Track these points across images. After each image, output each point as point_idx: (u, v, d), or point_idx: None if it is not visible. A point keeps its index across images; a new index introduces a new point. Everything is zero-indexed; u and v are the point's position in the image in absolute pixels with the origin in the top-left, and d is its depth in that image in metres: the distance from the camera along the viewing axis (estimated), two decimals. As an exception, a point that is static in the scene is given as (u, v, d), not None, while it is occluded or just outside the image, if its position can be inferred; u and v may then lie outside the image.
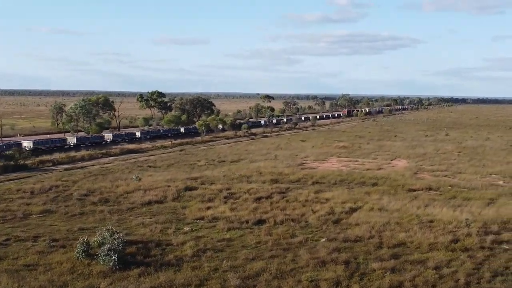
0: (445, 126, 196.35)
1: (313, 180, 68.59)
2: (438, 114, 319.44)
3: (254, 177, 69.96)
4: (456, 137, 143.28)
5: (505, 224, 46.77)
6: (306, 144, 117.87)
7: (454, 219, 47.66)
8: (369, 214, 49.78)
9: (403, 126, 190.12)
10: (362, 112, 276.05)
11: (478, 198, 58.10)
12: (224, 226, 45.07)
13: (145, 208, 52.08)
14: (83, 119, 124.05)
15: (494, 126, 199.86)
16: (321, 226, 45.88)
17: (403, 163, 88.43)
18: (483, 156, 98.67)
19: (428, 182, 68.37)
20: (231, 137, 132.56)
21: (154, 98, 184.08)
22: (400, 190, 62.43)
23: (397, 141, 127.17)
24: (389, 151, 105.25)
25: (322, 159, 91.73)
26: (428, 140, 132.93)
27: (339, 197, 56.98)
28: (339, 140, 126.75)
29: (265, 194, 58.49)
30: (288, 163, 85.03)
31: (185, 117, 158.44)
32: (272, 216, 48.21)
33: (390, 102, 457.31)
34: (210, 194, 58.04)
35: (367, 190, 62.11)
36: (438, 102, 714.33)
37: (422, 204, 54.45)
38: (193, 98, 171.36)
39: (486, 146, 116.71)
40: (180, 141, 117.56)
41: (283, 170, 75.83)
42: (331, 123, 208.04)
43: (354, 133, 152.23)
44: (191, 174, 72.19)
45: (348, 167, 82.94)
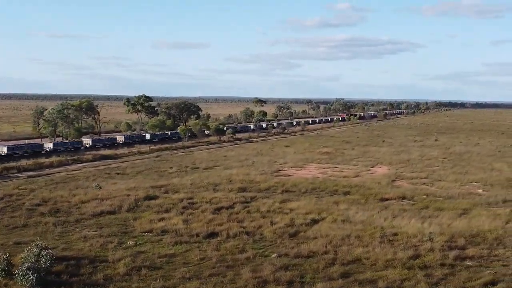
0: (437, 131, 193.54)
1: (283, 189, 65.68)
2: (433, 119, 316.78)
3: (222, 185, 67.02)
4: (445, 142, 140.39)
5: (474, 238, 43.78)
6: (289, 149, 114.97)
7: (419, 232, 44.72)
8: (331, 226, 46.80)
9: (394, 131, 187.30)
10: (355, 116, 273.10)
11: (451, 208, 55.15)
12: (171, 240, 42.12)
13: (94, 219, 49.09)
14: (62, 124, 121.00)
15: (487, 131, 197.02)
16: (276, 239, 42.90)
17: (383, 170, 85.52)
18: (468, 162, 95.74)
19: (404, 190, 65.44)
20: (214, 143, 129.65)
21: (141, 102, 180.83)
22: (371, 200, 59.50)
23: (384, 147, 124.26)
24: (373, 157, 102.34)
25: (300, 166, 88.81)
26: (416, 145, 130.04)
27: (304, 207, 54.02)
28: (324, 146, 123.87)
29: (227, 204, 55.54)
30: (264, 170, 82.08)
31: (171, 121, 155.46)
32: (226, 228, 45.24)
33: (387, 106, 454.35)
34: (169, 204, 55.09)
35: (336, 199, 59.14)
36: (436, 106, 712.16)
37: (391, 215, 51.51)
38: (179, 102, 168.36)
39: (473, 152, 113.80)
40: (160, 146, 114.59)
41: (255, 178, 72.90)
42: (322, 128, 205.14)
43: (342, 138, 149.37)
44: (158, 182, 69.24)
45: (325, 174, 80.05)
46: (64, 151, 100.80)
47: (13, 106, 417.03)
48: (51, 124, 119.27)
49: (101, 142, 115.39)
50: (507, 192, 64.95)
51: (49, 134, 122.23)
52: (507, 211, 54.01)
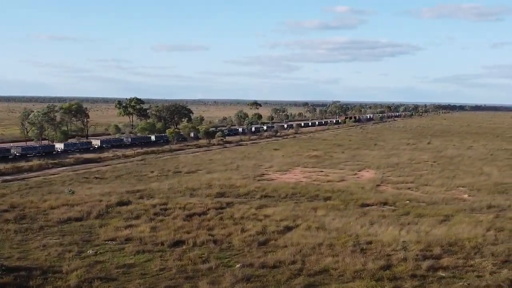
0: (432, 134, 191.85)
1: (263, 194, 63.88)
2: (430, 121, 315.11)
3: (200, 190, 65.19)
4: (438, 145, 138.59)
5: (451, 246, 41.93)
6: (277, 153, 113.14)
7: (395, 241, 42.86)
8: (304, 234, 44.94)
9: (388, 134, 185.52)
10: (350, 119, 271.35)
11: (432, 214, 53.31)
12: (133, 248, 40.28)
13: (59, 226, 47.20)
14: (48, 127, 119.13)
15: (483, 134, 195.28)
16: (244, 248, 41.03)
17: (370, 174, 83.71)
18: (458, 166, 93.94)
19: (387, 195, 63.62)
20: (203, 146, 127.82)
21: (133, 105, 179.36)
22: (351, 205, 57.66)
23: (375, 150, 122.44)
24: (362, 161, 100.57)
25: (285, 170, 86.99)
26: (407, 149, 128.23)
27: (280, 214, 52.19)
28: (314, 149, 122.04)
29: (201, 210, 53.69)
30: (247, 174, 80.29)
31: (161, 124, 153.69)
32: (194, 236, 43.40)
33: (384, 109, 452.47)
34: (141, 210, 53.26)
35: (315, 205, 57.28)
36: (435, 109, 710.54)
37: (369, 222, 49.67)
38: (170, 105, 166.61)
39: (465, 156, 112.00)
40: (146, 150, 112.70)
41: (235, 182, 71.06)
42: (316, 131, 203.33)
43: (334, 142, 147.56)
44: (135, 187, 67.42)
45: (310, 178, 78.26)
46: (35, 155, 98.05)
47: (9, 109, 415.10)
48: (37, 127, 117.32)
49: (74, 147, 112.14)
50: (493, 197, 63.15)
51: (34, 137, 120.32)
52: (490, 217, 52.18)
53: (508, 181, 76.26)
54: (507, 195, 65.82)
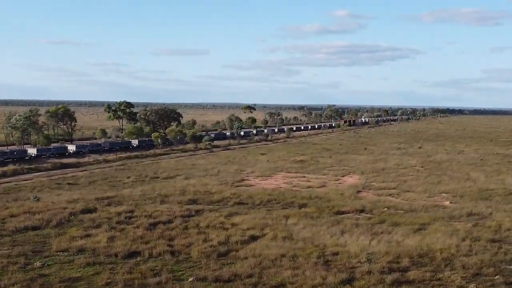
0: (425, 138, 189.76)
1: (237, 200, 61.70)
2: (426, 125, 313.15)
3: (173, 197, 63.00)
4: (429, 150, 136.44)
5: (421, 258, 39.72)
6: (263, 157, 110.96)
7: (364, 251, 40.62)
8: (268, 244, 42.72)
9: (381, 138, 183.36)
10: (345, 123, 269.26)
11: (408, 223, 51.10)
12: (84, 260, 38.05)
13: (13, 236, 44.93)
14: (30, 131, 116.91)
15: (477, 138, 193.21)
16: (201, 260, 38.79)
17: (353, 180, 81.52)
18: (445, 171, 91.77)
19: (365, 202, 61.40)
20: (189, 150, 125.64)
21: (122, 108, 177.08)
22: (326, 213, 55.47)
23: (363, 155, 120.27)
24: (347, 166, 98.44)
25: (267, 175, 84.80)
26: (397, 153, 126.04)
27: (249, 222, 49.98)
28: (302, 154, 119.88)
29: (167, 218, 51.48)
30: (226, 180, 78.12)
31: (149, 128, 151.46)
32: (151, 247, 41.18)
33: (381, 112, 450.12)
34: (104, 218, 51.04)
35: (288, 212, 55.05)
36: (433, 113, 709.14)
37: (340, 231, 47.47)
38: (159, 108, 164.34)
39: (454, 160, 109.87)
40: (129, 154, 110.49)
41: (211, 188, 68.89)
42: (309, 135, 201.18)
43: (324, 146, 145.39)
44: (106, 193, 65.20)
45: (290, 184, 76.09)
46: (4, 161, 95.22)
47: (5, 112, 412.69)
48: (19, 131, 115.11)
49: (48, 152, 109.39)
50: (475, 205, 60.95)
51: (16, 141, 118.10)
52: (468, 226, 50.02)
53: (493, 187, 74.10)
54: (490, 201, 63.67)
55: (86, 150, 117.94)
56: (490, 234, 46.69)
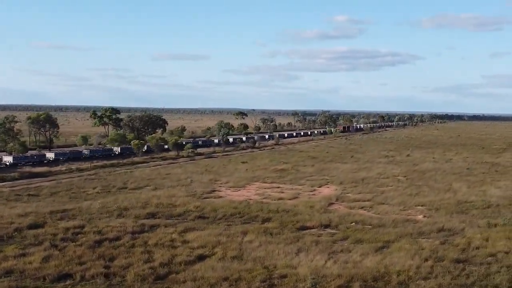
0: (417, 145, 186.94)
1: (198, 214, 58.75)
2: (421, 132, 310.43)
3: (132, 210, 60.01)
4: (417, 158, 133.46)
5: (375, 281, 36.76)
6: (244, 166, 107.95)
7: (315, 273, 37.58)
8: (214, 265, 39.72)
9: (371, 145, 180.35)
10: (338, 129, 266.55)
11: (373, 240, 48.11)
12: (8, 284, 35.07)
13: None
14: (6, 138, 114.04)
15: (469, 145, 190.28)
16: (136, 284, 35.75)
17: (329, 191, 78.57)
18: (427, 181, 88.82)
19: (334, 216, 58.40)
20: (170, 158, 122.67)
21: (108, 115, 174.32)
22: (289, 229, 52.43)
23: (348, 163, 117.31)
24: (328, 175, 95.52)
25: (241, 186, 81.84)
26: (383, 162, 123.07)
27: (202, 239, 47.00)
28: (284, 162, 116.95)
29: (117, 234, 48.50)
30: (196, 191, 75.21)
31: (133, 135, 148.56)
32: (87, 268, 38.19)
33: (377, 118, 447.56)
34: (49, 235, 48.09)
35: (248, 228, 52.02)
36: (431, 119, 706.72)
37: (297, 249, 44.50)
38: (143, 115, 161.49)
39: (440, 169, 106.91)
40: (105, 162, 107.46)
41: (176, 201, 65.92)
42: (299, 142, 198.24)
43: (311, 154, 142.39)
44: (64, 206, 62.22)
45: (262, 196, 73.12)
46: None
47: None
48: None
49: (25, 160, 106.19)
50: (449, 219, 57.97)
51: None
52: (435, 243, 47.04)
53: (473, 199, 71.12)
54: (466, 215, 60.69)
55: (65, 158, 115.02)
56: (456, 254, 43.69)
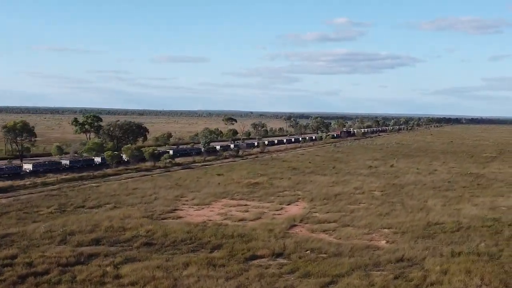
0: (405, 153, 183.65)
1: (147, 240, 55.29)
2: (414, 137, 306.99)
3: (78, 235, 56.56)
4: (401, 169, 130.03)
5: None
6: (217, 179, 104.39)
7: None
8: (138, 308, 36.17)
9: (358, 154, 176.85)
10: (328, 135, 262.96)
11: (322, 273, 44.75)
12: None
13: None
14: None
15: (459, 153, 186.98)
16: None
17: (297, 209, 75.14)
18: (402, 198, 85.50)
19: (291, 242, 55.02)
20: (145, 170, 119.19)
21: (90, 122, 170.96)
22: (236, 259, 48.93)
23: (327, 175, 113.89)
24: (302, 190, 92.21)
25: (207, 203, 78.38)
26: (364, 173, 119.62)
27: (136, 273, 43.56)
28: (262, 174, 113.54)
29: (47, 267, 45.00)
30: (155, 210, 71.85)
31: (112, 144, 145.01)
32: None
33: (372, 123, 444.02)
34: (-27, 268, 44.45)
35: (192, 258, 48.50)
36: (428, 122, 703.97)
37: (236, 286, 41.00)
38: (123, 123, 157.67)
39: (420, 183, 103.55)
40: (73, 175, 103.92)
41: (129, 223, 62.47)
42: (286, 149, 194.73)
43: (293, 164, 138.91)
44: (8, 229, 58.74)
45: (223, 215, 69.69)
46: None
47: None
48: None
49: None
50: (412, 246, 54.54)
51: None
52: (388, 278, 43.62)
53: (445, 219, 67.71)
54: (432, 240, 57.26)
55: (43, 169, 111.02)
56: (407, 292, 40.22)
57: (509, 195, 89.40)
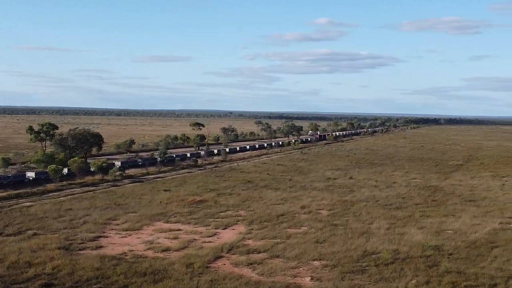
0: (370, 161, 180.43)
1: (48, 280, 50.49)
2: (386, 141, 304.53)
3: (-26, 274, 51.32)
4: (359, 181, 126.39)
5: None
6: (162, 196, 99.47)
7: None
8: None
9: (322, 162, 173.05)
10: (296, 141, 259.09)
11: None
12: None
13: None
14: None
15: (426, 160, 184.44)
16: None
17: (232, 234, 70.84)
18: (349, 218, 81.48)
19: (206, 282, 50.52)
20: (91, 184, 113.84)
21: (45, 130, 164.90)
22: (136, 305, 44.18)
23: (280, 190, 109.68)
24: (246, 209, 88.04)
25: (137, 228, 73.62)
26: (320, 187, 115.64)
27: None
28: (211, 189, 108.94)
29: None
30: (76, 237, 66.93)
31: (63, 155, 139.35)
32: None
33: (346, 125, 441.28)
34: None
35: (87, 306, 43.70)
36: (405, 123, 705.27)
37: None
38: (76, 132, 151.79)
39: (373, 199, 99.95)
40: (9, 192, 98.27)
41: (38, 256, 57.54)
42: (250, 157, 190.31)
43: (250, 175, 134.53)
44: None
45: (149, 244, 64.99)
46: None
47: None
48: None
49: None
50: (338, 284, 50.27)
51: None
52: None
53: (383, 247, 63.75)
54: (362, 276, 53.21)
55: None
56: None
57: (461, 214, 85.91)
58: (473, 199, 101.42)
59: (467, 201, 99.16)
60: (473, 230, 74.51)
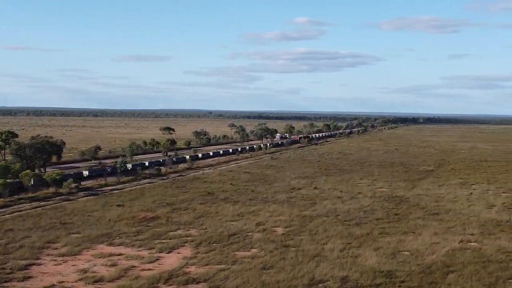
0: (340, 167, 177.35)
1: (-44, 323, 45.60)
2: (361, 144, 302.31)
3: None
4: (324, 191, 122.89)
5: None
6: (112, 213, 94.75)
7: None
8: None
9: (290, 168, 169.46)
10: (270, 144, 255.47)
11: None
12: None
13: None
14: None
15: (396, 166, 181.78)
16: None
17: (176, 259, 66.70)
18: (304, 237, 77.74)
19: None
20: (42, 198, 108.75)
21: (4, 138, 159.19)
22: None
23: (239, 203, 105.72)
24: (198, 228, 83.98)
25: (76, 252, 69.11)
26: (282, 198, 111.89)
27: None
28: (168, 203, 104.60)
29: None
30: (8, 265, 62.33)
31: (19, 165, 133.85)
32: None
33: (322, 126, 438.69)
34: None
35: None
36: (383, 123, 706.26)
37: None
38: (34, 142, 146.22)
39: (334, 214, 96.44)
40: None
41: (-46, 293, 52.68)
42: (218, 163, 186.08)
43: (213, 185, 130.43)
44: None
45: (83, 273, 60.60)
46: None
47: None
48: None
49: None
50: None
51: None
52: None
53: (332, 274, 60.13)
54: (302, 312, 49.16)
55: None
56: None
57: (421, 231, 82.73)
58: (437, 212, 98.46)
59: (431, 215, 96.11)
60: (431, 250, 71.26)
